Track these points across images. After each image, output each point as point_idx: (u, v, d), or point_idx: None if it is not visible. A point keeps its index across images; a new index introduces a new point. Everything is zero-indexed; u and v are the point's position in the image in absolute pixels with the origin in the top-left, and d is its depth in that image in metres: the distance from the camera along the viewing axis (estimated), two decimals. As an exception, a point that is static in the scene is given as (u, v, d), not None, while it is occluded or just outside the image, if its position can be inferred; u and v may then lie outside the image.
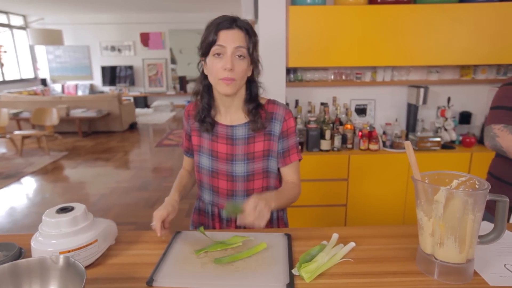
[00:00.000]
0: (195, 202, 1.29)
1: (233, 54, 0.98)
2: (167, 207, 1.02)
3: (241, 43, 0.98)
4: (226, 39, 0.97)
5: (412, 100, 2.55)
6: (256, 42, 1.03)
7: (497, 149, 1.24)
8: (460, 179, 0.86)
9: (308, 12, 2.21)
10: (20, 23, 8.55)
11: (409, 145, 0.87)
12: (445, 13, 2.19)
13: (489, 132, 1.25)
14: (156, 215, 0.99)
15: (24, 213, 3.26)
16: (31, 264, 0.71)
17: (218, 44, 0.97)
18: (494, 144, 1.23)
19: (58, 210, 0.90)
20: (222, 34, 0.97)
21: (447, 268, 0.81)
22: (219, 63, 0.98)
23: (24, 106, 6.29)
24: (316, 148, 2.38)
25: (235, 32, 0.98)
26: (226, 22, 0.97)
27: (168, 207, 1.02)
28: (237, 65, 0.99)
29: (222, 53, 0.98)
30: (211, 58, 1.00)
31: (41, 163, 4.79)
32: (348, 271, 0.87)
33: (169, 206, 1.03)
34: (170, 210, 1.01)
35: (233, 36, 0.97)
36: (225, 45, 0.97)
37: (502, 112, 1.23)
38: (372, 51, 2.27)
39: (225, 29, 0.97)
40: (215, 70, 1.00)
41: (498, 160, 1.35)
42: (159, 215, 0.98)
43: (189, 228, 1.28)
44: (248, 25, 1.01)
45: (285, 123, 1.11)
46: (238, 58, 0.99)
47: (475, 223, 0.78)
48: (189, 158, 1.24)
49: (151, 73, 9.22)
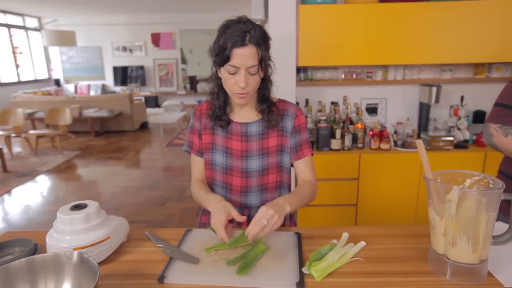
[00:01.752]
0: None
1: (247, 72, 0.98)
2: (222, 210, 0.95)
3: (254, 62, 0.97)
4: (239, 59, 0.96)
5: (424, 99, 2.51)
6: (268, 48, 1.02)
7: (493, 147, 1.24)
8: (473, 178, 0.85)
9: (318, 11, 2.20)
10: (35, 25, 8.73)
11: (421, 144, 0.86)
12: (458, 10, 2.16)
13: (486, 130, 1.25)
14: (218, 224, 0.92)
15: (39, 211, 3.33)
16: (46, 259, 0.73)
17: (231, 64, 0.97)
18: (490, 143, 1.24)
19: (72, 207, 0.92)
20: (236, 53, 0.95)
21: (460, 268, 0.80)
22: (232, 79, 1.00)
23: (39, 106, 6.42)
24: (326, 148, 2.37)
25: (248, 49, 0.95)
26: (239, 39, 0.94)
27: (223, 210, 0.95)
28: (250, 81, 1.00)
29: (236, 72, 0.98)
30: (224, 72, 1.00)
31: (55, 162, 4.88)
32: (358, 270, 0.87)
33: (222, 208, 0.96)
34: (226, 212, 0.95)
35: (245, 55, 0.95)
36: (238, 66, 0.97)
37: (501, 110, 1.23)
38: (383, 50, 2.25)
39: (237, 47, 0.95)
40: (229, 85, 1.01)
41: (509, 158, 1.32)
42: (221, 223, 0.92)
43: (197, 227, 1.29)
44: (261, 34, 0.98)
45: (296, 119, 1.15)
46: (250, 75, 1.00)
47: (489, 223, 0.77)
48: (202, 163, 1.20)
49: (162, 73, 9.30)
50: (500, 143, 1.20)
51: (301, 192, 1.08)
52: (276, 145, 1.14)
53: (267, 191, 1.17)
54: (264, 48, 0.99)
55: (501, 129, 1.19)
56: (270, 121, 1.11)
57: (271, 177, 1.16)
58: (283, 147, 1.15)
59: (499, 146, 1.21)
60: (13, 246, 0.94)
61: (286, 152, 1.16)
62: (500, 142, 1.19)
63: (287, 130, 1.14)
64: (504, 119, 1.20)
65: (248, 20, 0.99)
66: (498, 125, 1.21)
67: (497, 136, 1.20)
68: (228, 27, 0.97)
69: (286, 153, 1.16)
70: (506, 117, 1.20)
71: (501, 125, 1.20)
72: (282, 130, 1.14)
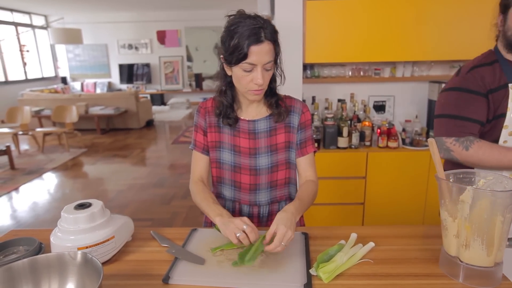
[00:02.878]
0: None
1: (263, 69, 0.97)
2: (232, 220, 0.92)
3: (270, 58, 0.96)
4: (257, 57, 0.94)
5: (434, 96, 2.47)
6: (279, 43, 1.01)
7: (454, 161, 1.17)
8: (487, 179, 0.82)
9: (325, 7, 2.16)
10: (42, 23, 8.78)
11: (433, 142, 0.83)
12: (468, 5, 2.11)
13: (441, 145, 1.18)
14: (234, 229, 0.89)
15: (46, 208, 3.35)
16: (50, 259, 0.72)
17: (248, 62, 0.94)
18: (450, 157, 1.17)
19: (76, 206, 0.91)
20: (253, 50, 0.93)
21: (474, 271, 0.77)
22: (248, 76, 0.97)
23: (45, 104, 6.46)
24: (333, 146, 2.34)
25: (265, 46, 0.93)
26: (255, 36, 0.92)
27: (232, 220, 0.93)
28: (265, 77, 0.99)
29: (252, 69, 0.96)
30: (239, 70, 0.97)
31: (62, 159, 4.91)
32: (367, 272, 0.85)
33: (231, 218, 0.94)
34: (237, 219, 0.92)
35: (262, 52, 0.93)
36: (256, 63, 0.95)
37: (448, 121, 1.16)
38: (391, 46, 2.21)
39: (254, 44, 0.92)
40: (244, 82, 0.99)
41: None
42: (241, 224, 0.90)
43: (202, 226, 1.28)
44: (273, 29, 0.97)
45: (303, 115, 1.14)
46: (266, 71, 0.98)
47: (505, 225, 0.74)
48: (205, 161, 1.18)
49: (168, 70, 9.31)
50: (463, 158, 1.14)
51: (308, 195, 1.07)
52: (284, 141, 1.13)
53: (276, 188, 1.16)
54: (277, 43, 0.98)
55: (458, 142, 1.13)
56: (280, 114, 1.09)
57: (280, 173, 1.15)
58: (290, 143, 1.14)
59: (460, 160, 1.15)
60: (17, 245, 0.93)
61: (293, 148, 1.15)
62: (462, 156, 1.13)
63: (294, 126, 1.13)
64: (459, 130, 1.14)
65: (257, 15, 0.96)
66: (453, 139, 1.14)
67: (457, 150, 1.14)
68: (239, 24, 0.94)
69: (293, 149, 1.15)
70: (459, 128, 1.14)
71: (456, 137, 1.14)
72: (290, 126, 1.13)
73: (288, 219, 0.89)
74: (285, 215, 0.91)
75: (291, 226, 0.88)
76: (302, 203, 1.02)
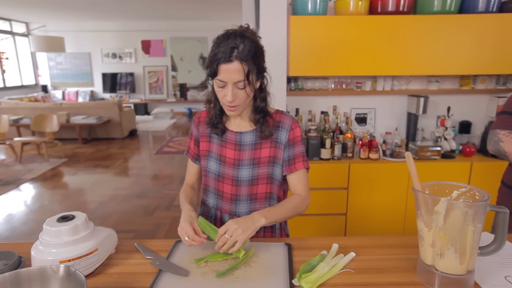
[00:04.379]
0: (200, 208, 1.29)
1: (234, 86, 1.00)
2: (186, 219, 1.01)
3: (240, 77, 0.97)
4: (225, 75, 0.97)
5: (412, 109, 2.56)
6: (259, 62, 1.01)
7: (500, 154, 1.24)
8: (460, 190, 0.87)
9: (309, 22, 2.23)
10: (23, 30, 8.62)
11: (410, 155, 0.87)
12: (444, 24, 2.22)
13: (493, 136, 1.26)
14: (181, 232, 0.98)
15: (23, 220, 3.25)
16: (31, 273, 0.71)
17: (218, 79, 0.99)
18: (497, 149, 1.24)
19: (59, 218, 0.90)
20: (222, 69, 0.97)
21: (448, 279, 0.81)
22: (221, 92, 1.02)
23: (25, 113, 6.30)
24: (316, 157, 2.39)
25: (234, 65, 0.96)
26: (225, 56, 0.95)
27: (187, 218, 1.01)
28: (238, 95, 1.01)
29: (224, 86, 1.00)
30: (215, 84, 1.03)
31: (41, 169, 4.78)
32: (348, 282, 0.87)
33: (187, 217, 1.02)
34: (190, 221, 1.00)
35: (231, 70, 0.96)
36: (225, 81, 0.99)
37: (507, 117, 1.24)
38: (373, 61, 2.29)
39: (223, 63, 0.96)
40: (219, 96, 1.04)
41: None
42: (185, 231, 0.97)
43: None
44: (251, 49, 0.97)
45: (291, 132, 1.14)
46: (238, 89, 1.01)
47: (475, 235, 0.78)
48: (195, 168, 1.25)
49: (152, 80, 9.27)
50: (509, 149, 1.20)
51: (283, 205, 1.09)
52: (268, 156, 1.14)
53: (256, 201, 1.17)
54: (252, 62, 0.98)
55: (511, 134, 1.20)
56: (263, 132, 1.11)
57: (261, 187, 1.16)
58: (275, 158, 1.15)
59: (507, 151, 1.21)
60: (-4, 258, 0.91)
61: (278, 164, 1.15)
62: (510, 147, 1.20)
63: (281, 142, 1.14)
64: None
65: (241, 34, 0.98)
66: (507, 131, 1.22)
67: (508, 140, 1.20)
68: (220, 42, 0.98)
69: (277, 165, 1.16)
70: None
71: (510, 130, 1.21)
72: (276, 142, 1.14)
73: (241, 218, 0.97)
74: (241, 217, 0.99)
75: (242, 225, 0.94)
76: (272, 208, 1.05)
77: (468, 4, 2.22)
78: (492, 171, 2.36)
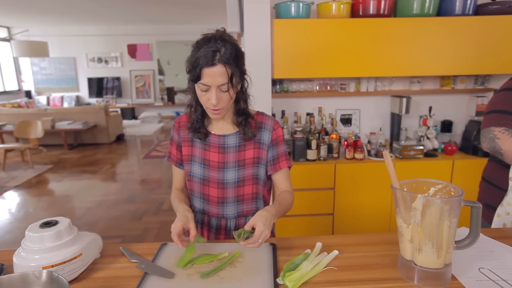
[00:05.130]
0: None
1: (217, 90, 1.01)
2: (181, 219, 1.00)
3: (223, 80, 0.99)
4: (209, 78, 0.98)
5: (395, 109, 2.61)
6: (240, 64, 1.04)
7: (495, 151, 1.23)
8: (437, 187, 0.89)
9: (292, 25, 2.26)
10: (4, 35, 8.45)
11: (387, 154, 0.90)
12: (424, 26, 2.28)
13: (488, 134, 1.24)
14: (172, 229, 0.98)
15: (6, 229, 3.18)
16: (13, 280, 0.71)
17: (202, 83, 1.00)
18: (493, 146, 1.22)
19: (42, 224, 0.89)
20: (205, 72, 0.97)
21: (426, 273, 0.84)
22: (204, 96, 1.03)
23: (8, 119, 6.17)
24: (302, 158, 2.41)
25: (217, 69, 0.97)
26: (208, 59, 0.96)
27: (182, 219, 1.00)
28: (222, 97, 1.02)
29: (207, 89, 1.01)
30: (197, 89, 1.03)
31: (25, 177, 4.69)
32: (331, 279, 0.89)
33: (182, 217, 1.01)
34: (184, 221, 0.99)
35: (215, 74, 0.97)
36: (209, 84, 0.99)
37: (500, 115, 1.23)
38: (356, 63, 2.34)
39: (206, 66, 0.96)
40: (203, 101, 1.05)
41: (490, 164, 1.38)
42: (176, 229, 0.97)
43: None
44: (232, 53, 0.99)
45: (274, 132, 1.17)
46: (222, 92, 1.02)
47: (451, 229, 0.81)
48: (181, 173, 1.25)
49: (139, 84, 9.19)
50: (506, 146, 1.18)
51: (286, 203, 1.12)
52: (253, 157, 1.16)
53: (243, 202, 1.18)
54: (234, 65, 1.00)
55: (507, 131, 1.19)
56: (246, 133, 1.13)
57: (247, 188, 1.17)
58: (259, 159, 1.17)
59: (503, 148, 1.18)
60: (-23, 267, 0.90)
61: (262, 164, 1.18)
62: (508, 143, 1.17)
63: (264, 143, 1.16)
64: (507, 122, 1.20)
65: (220, 38, 1.00)
66: (503, 128, 1.20)
67: (504, 137, 1.18)
68: (200, 46, 0.99)
69: (262, 165, 1.18)
70: (508, 121, 1.20)
71: (506, 128, 1.20)
72: (259, 143, 1.16)
73: (267, 219, 0.95)
74: (266, 214, 0.96)
75: (269, 226, 0.94)
76: (280, 207, 1.07)
77: (445, 7, 2.29)
78: (473, 169, 2.42)
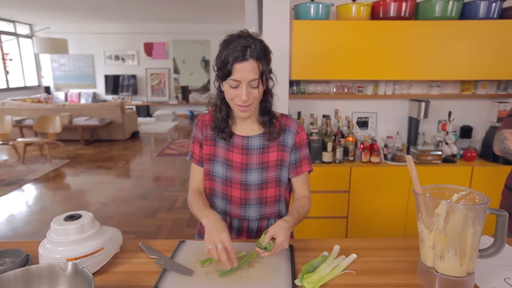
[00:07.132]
0: None
1: (248, 86, 1.01)
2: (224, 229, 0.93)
3: (254, 76, 0.99)
4: (240, 74, 0.98)
5: (413, 113, 2.58)
6: (269, 62, 1.04)
7: (505, 152, 1.23)
8: (461, 193, 0.88)
9: (311, 27, 2.25)
10: (27, 32, 8.68)
11: (410, 159, 0.89)
12: (446, 29, 2.24)
13: (498, 136, 1.26)
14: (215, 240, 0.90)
15: (25, 221, 3.26)
16: (41, 270, 0.73)
17: (232, 78, 0.99)
18: (502, 147, 1.23)
19: (66, 217, 0.92)
20: (236, 68, 0.97)
21: (448, 281, 0.82)
22: (234, 92, 1.02)
23: (28, 114, 6.34)
24: (318, 160, 2.40)
25: (249, 64, 0.97)
26: (239, 54, 0.97)
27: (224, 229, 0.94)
28: (251, 93, 1.02)
29: (237, 86, 1.01)
30: (226, 86, 1.03)
31: (43, 170, 4.81)
32: (349, 283, 0.88)
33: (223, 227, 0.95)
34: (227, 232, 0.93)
35: (246, 69, 0.98)
36: (239, 80, 0.99)
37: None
38: (374, 65, 2.31)
39: (238, 62, 0.97)
40: (231, 97, 1.04)
41: None
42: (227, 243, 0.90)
43: (194, 237, 1.29)
44: (261, 49, 1.00)
45: (297, 136, 1.16)
46: (252, 88, 1.02)
47: (475, 237, 0.79)
48: (202, 172, 1.21)
49: (154, 82, 9.31)
50: None
51: (303, 212, 1.12)
52: (276, 159, 1.15)
53: (266, 204, 1.18)
54: (264, 62, 1.01)
55: None
56: (271, 133, 1.13)
57: (270, 191, 1.17)
58: (282, 162, 1.16)
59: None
60: (3, 256, 0.93)
61: (285, 167, 1.17)
62: None
63: (288, 145, 1.16)
64: None
65: (249, 35, 1.01)
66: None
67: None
68: (230, 42, 0.99)
69: (285, 168, 1.17)
70: None
71: None
72: (283, 145, 1.16)
73: (287, 229, 0.94)
74: (286, 225, 0.95)
75: (288, 237, 0.94)
76: (298, 216, 1.06)
77: (469, 10, 2.24)
78: (494, 176, 2.37)
